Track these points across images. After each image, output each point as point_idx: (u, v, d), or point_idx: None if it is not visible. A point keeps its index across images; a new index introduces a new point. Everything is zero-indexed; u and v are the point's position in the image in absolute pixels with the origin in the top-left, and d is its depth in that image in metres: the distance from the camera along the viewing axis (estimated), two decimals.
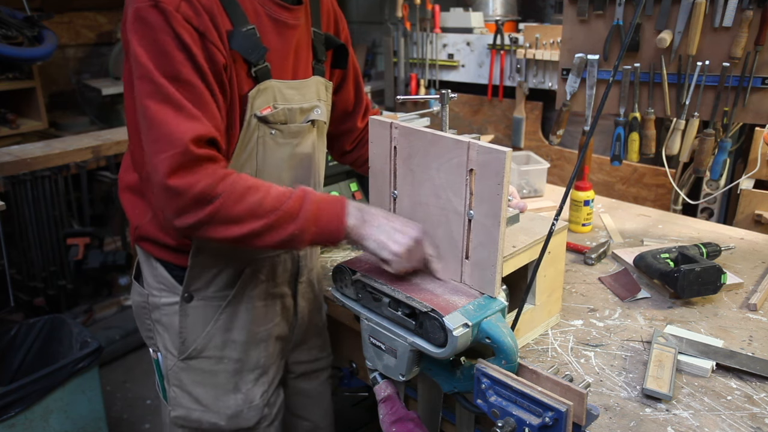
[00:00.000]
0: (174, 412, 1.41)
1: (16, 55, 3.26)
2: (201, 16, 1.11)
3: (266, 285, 1.41)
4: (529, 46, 3.49)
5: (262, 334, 1.43)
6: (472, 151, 1.07)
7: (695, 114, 1.88)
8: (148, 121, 1.09)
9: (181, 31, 1.08)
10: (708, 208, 2.86)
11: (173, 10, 1.07)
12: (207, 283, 1.34)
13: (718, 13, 1.74)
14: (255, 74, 1.22)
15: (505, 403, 1.04)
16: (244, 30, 1.17)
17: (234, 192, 1.10)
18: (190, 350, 1.36)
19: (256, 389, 1.43)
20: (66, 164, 3.00)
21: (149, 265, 1.37)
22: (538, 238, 1.28)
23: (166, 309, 1.36)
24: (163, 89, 1.08)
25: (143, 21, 1.08)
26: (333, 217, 1.16)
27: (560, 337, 1.38)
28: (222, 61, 1.15)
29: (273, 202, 1.12)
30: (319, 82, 1.39)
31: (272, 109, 1.26)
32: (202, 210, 1.09)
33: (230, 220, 1.11)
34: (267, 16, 1.24)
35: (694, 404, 1.14)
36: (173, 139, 1.07)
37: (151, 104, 1.08)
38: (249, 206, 1.11)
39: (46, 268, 3.05)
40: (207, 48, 1.12)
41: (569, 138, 3.38)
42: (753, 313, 1.45)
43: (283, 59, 1.28)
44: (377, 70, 4.80)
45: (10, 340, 2.44)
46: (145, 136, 1.11)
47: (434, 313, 1.07)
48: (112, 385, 3.01)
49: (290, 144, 1.33)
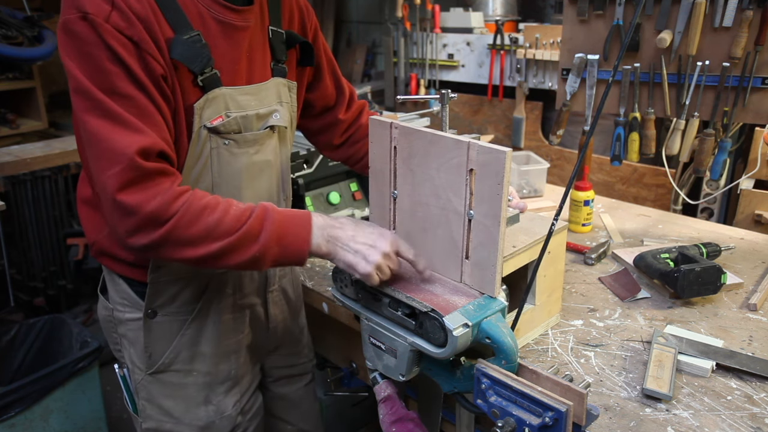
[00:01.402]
0: (145, 423, 1.39)
1: (16, 55, 3.26)
2: (134, 25, 1.04)
3: (233, 298, 1.38)
4: (529, 46, 3.49)
5: (232, 346, 1.40)
6: (472, 151, 1.07)
7: (695, 114, 1.88)
8: (89, 137, 1.04)
9: (113, 43, 1.02)
10: (708, 208, 2.86)
11: (102, 21, 1.01)
12: (170, 299, 1.30)
13: (718, 13, 1.74)
14: (202, 83, 1.15)
15: (505, 403, 1.03)
16: (186, 37, 1.11)
17: (188, 212, 1.05)
18: (158, 365, 1.33)
19: (228, 400, 1.41)
20: (66, 164, 3.00)
21: (112, 281, 1.33)
22: (538, 238, 1.28)
23: (131, 324, 1.33)
24: (102, 104, 1.03)
25: (73, 34, 1.03)
26: (296, 238, 1.12)
27: (560, 337, 1.38)
28: (160, 71, 1.08)
29: (231, 223, 1.07)
30: (280, 84, 1.33)
31: (224, 119, 1.20)
32: (155, 231, 1.04)
33: (185, 242, 1.06)
34: (213, 19, 1.17)
35: (694, 404, 1.14)
36: (117, 154, 1.01)
37: (91, 119, 1.03)
38: (205, 227, 1.06)
39: (46, 268, 3.05)
40: (143, 58, 1.06)
41: (569, 138, 3.38)
42: (753, 313, 1.45)
43: (233, 64, 1.21)
44: (377, 70, 4.80)
45: (10, 340, 2.44)
46: (88, 153, 1.06)
47: (434, 313, 1.06)
48: (112, 385, 3.00)
49: (247, 153, 1.26)
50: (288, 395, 1.66)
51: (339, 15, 4.98)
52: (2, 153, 2.92)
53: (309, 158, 1.94)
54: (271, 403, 1.62)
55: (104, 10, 1.02)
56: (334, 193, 2.04)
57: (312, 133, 1.58)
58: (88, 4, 1.02)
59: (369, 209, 1.35)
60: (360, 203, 2.09)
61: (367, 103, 1.64)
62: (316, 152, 1.94)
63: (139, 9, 1.05)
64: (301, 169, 1.92)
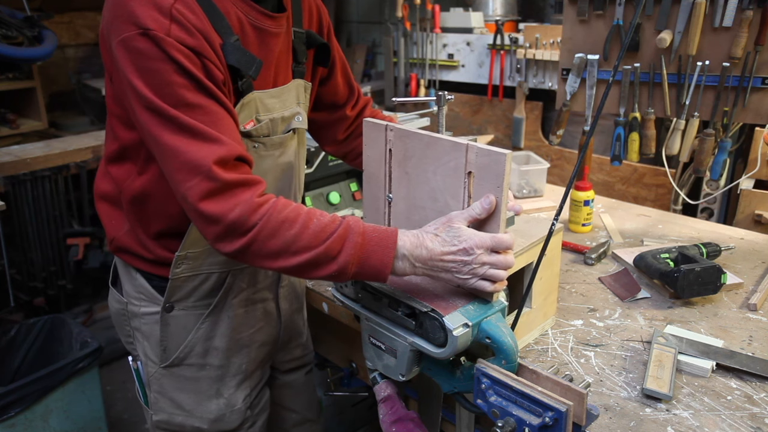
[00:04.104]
0: (156, 416, 1.40)
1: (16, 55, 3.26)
2: (194, 35, 1.05)
3: (247, 292, 1.39)
4: (529, 46, 3.49)
5: (244, 340, 1.41)
6: (471, 154, 1.06)
7: (695, 114, 1.88)
8: (164, 152, 1.05)
9: (177, 56, 1.03)
10: (708, 208, 2.86)
11: (164, 35, 1.02)
12: (188, 293, 1.31)
13: (718, 13, 1.74)
14: (241, 88, 1.17)
15: (505, 403, 1.03)
16: (232, 41, 1.13)
17: (268, 225, 1.05)
18: (172, 358, 1.35)
19: (239, 393, 1.42)
20: (66, 164, 3.00)
21: (128, 275, 1.34)
22: (534, 241, 1.27)
23: (147, 318, 1.34)
24: (174, 119, 1.04)
25: (135, 51, 1.03)
26: (377, 262, 1.07)
27: (560, 337, 1.38)
28: (221, 77, 1.10)
29: (310, 239, 1.05)
30: (299, 85, 1.35)
31: (255, 123, 1.22)
32: (238, 240, 1.05)
33: (265, 254, 1.06)
34: (250, 25, 1.19)
35: (694, 404, 1.14)
36: (195, 166, 1.03)
37: (165, 135, 1.04)
38: (283, 242, 1.05)
39: (46, 268, 3.05)
40: (206, 66, 1.07)
41: (569, 138, 3.38)
42: (753, 313, 1.45)
43: (265, 69, 1.23)
44: (377, 70, 4.80)
45: (10, 340, 2.44)
46: (165, 168, 1.08)
47: (434, 313, 1.06)
48: (112, 385, 3.01)
49: (273, 156, 1.29)
50: (291, 382, 1.68)
51: (339, 15, 4.99)
52: (2, 153, 2.92)
53: (309, 158, 1.94)
54: (274, 393, 1.64)
55: (164, 24, 1.03)
56: (334, 193, 2.04)
57: (318, 126, 1.58)
58: (147, 19, 1.02)
59: (363, 212, 1.34)
60: (360, 203, 2.09)
61: (371, 99, 1.65)
62: (317, 152, 1.95)
63: (195, 20, 1.07)
64: None
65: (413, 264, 1.07)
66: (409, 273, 1.09)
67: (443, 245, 1.06)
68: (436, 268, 1.08)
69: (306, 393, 1.72)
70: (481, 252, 1.06)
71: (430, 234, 1.08)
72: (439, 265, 1.07)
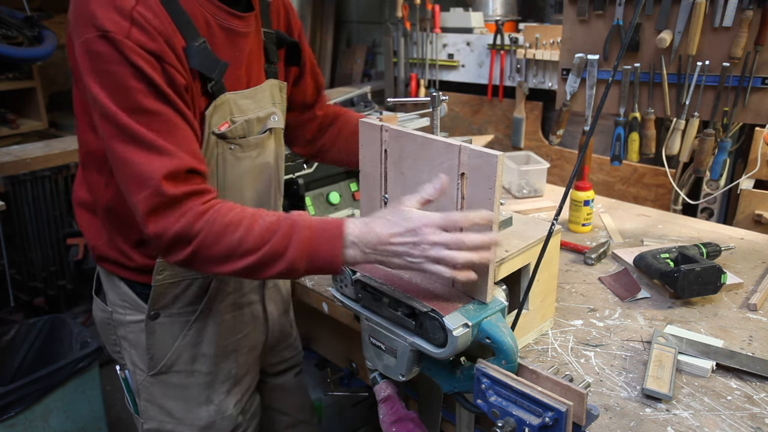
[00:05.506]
0: (146, 424, 1.39)
1: (16, 55, 3.26)
2: (155, 39, 1.03)
3: (234, 296, 1.39)
4: (529, 46, 3.49)
5: (232, 345, 1.41)
6: (464, 155, 1.06)
7: (695, 114, 1.88)
8: (117, 162, 1.05)
9: (135, 59, 1.01)
10: (708, 208, 2.86)
11: (123, 38, 1.00)
12: (173, 300, 1.30)
13: (718, 13, 1.74)
14: (211, 90, 1.16)
15: (505, 403, 1.04)
16: (196, 45, 1.11)
17: (211, 232, 1.04)
18: (160, 366, 1.34)
19: (229, 399, 1.41)
20: (66, 164, 3.00)
21: (111, 283, 1.33)
22: (532, 242, 1.26)
23: (132, 326, 1.33)
24: (127, 129, 1.02)
25: (94, 53, 1.01)
26: (327, 254, 1.06)
27: (560, 337, 1.38)
28: (183, 82, 1.08)
29: (255, 241, 1.05)
30: (273, 85, 1.34)
31: (230, 125, 1.21)
32: (183, 249, 1.06)
33: (212, 260, 1.06)
34: (218, 26, 1.17)
35: (694, 404, 1.14)
36: (144, 179, 1.02)
37: (118, 146, 1.03)
38: (228, 246, 1.05)
39: (46, 268, 3.05)
40: (166, 71, 1.05)
41: (569, 138, 3.38)
42: (753, 313, 1.45)
43: (236, 69, 1.22)
44: (377, 70, 4.80)
45: (10, 340, 2.44)
46: (117, 177, 1.08)
47: (434, 313, 1.06)
48: (112, 385, 3.01)
49: (250, 157, 1.28)
50: (282, 386, 1.67)
51: (339, 15, 4.98)
52: (2, 153, 2.92)
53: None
54: (265, 396, 1.63)
55: (124, 27, 1.01)
56: (334, 193, 2.04)
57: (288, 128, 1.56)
58: (106, 21, 1.00)
59: (359, 212, 1.34)
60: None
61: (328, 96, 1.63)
62: None
63: (156, 23, 1.05)
64: (301, 169, 1.91)
65: (363, 251, 1.05)
66: (361, 261, 1.06)
67: (391, 227, 1.04)
68: (387, 253, 1.05)
69: (297, 394, 1.71)
70: (430, 231, 1.02)
71: (379, 219, 1.06)
72: (390, 249, 1.04)
